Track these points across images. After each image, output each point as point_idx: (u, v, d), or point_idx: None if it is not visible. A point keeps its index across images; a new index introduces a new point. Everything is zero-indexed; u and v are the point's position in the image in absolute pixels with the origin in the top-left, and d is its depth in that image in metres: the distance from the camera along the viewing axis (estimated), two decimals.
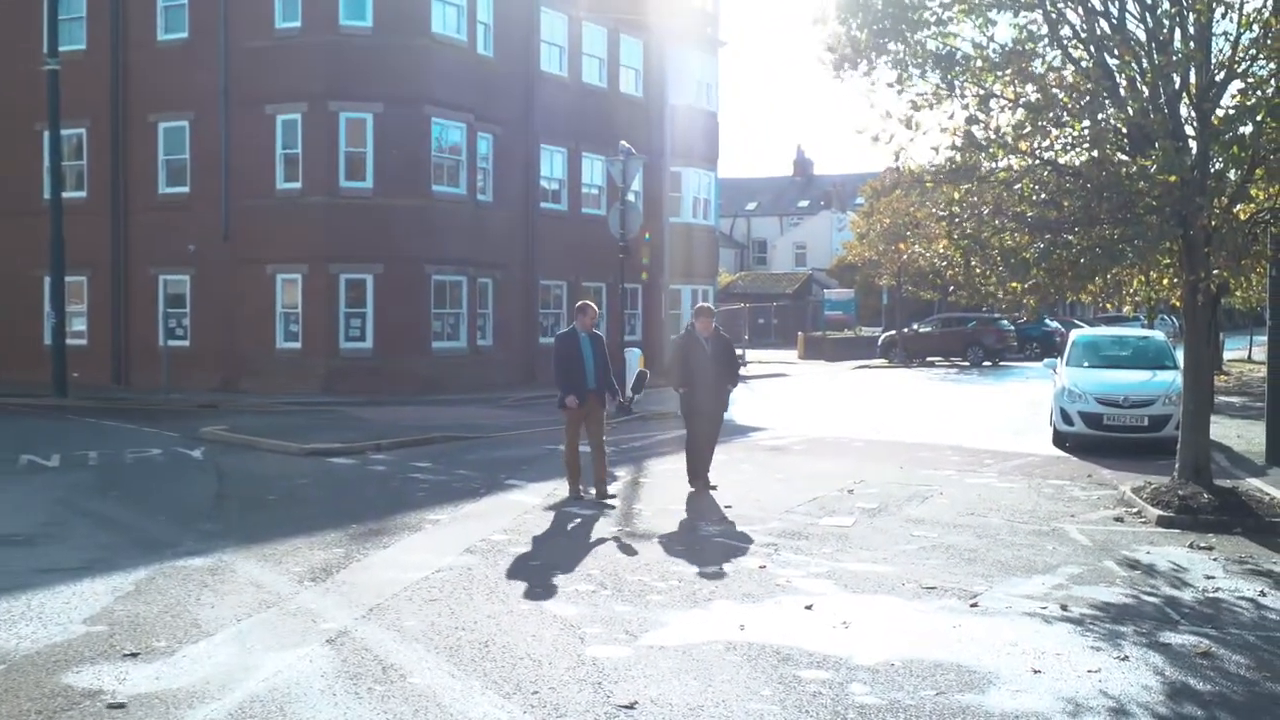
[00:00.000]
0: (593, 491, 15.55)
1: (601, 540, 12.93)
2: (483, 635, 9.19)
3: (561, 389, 15.42)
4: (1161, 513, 14.36)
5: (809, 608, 10.16)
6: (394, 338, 31.89)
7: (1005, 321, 52.93)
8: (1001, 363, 52.10)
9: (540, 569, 11.48)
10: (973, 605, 10.33)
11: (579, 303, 15.97)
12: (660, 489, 16.45)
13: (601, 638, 9.17)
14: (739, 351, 51.95)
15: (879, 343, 55.51)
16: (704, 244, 44.61)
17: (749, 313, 60.02)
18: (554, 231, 37.70)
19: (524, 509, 14.79)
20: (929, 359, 53.94)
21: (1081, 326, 46.19)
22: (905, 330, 54.72)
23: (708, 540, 12.96)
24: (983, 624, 9.74)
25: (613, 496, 15.46)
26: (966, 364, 51.91)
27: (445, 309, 33.37)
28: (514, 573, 11.32)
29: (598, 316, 15.85)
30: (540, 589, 10.69)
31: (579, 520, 14.05)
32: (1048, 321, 57.68)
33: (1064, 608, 10.28)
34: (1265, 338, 19.84)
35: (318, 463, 19.06)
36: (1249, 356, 53.25)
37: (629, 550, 12.41)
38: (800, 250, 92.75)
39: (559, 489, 16.23)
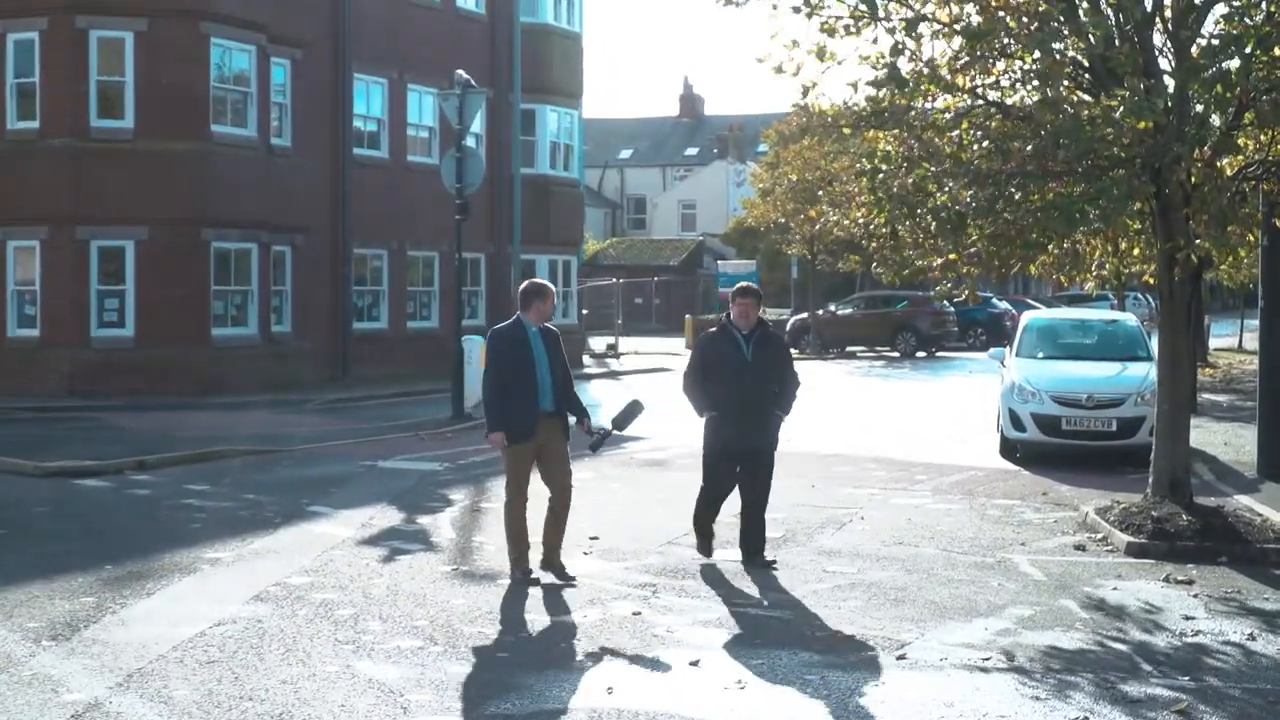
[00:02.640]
0: (534, 572, 13.01)
1: (433, 582, 12.90)
2: (276, 707, 9.12)
3: (495, 413, 12.89)
4: (1132, 539, 14.75)
5: (695, 664, 10.24)
6: (163, 323, 31.44)
7: (944, 301, 53.83)
8: (939, 353, 53.05)
9: (352, 620, 11.42)
10: (900, 658, 10.50)
11: (529, 283, 13.35)
12: None
13: (430, 707, 9.14)
14: (610, 342, 52.42)
15: (787, 328, 56.03)
16: (566, 202, 44.70)
17: (623, 290, 60.23)
18: (372, 185, 37.47)
19: (331, 543, 14.69)
20: (850, 348, 54.70)
21: (1037, 308, 47.26)
22: (821, 313, 55.42)
23: (568, 580, 13.00)
24: (912, 681, 9.91)
25: (572, 578, 12.95)
26: (896, 355, 52.74)
27: (230, 285, 32.98)
28: (318, 625, 11.24)
29: (554, 304, 13.40)
30: (352, 646, 10.62)
31: (403, 558, 14.01)
32: (995, 302, 58.82)
33: (1010, 658, 10.50)
34: (1257, 322, 20.48)
35: (60, 486, 18.74)
36: (1239, 345, 54.87)
37: (468, 594, 12.38)
38: (688, 210, 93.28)
39: (376, 517, 16.15)
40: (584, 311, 50.16)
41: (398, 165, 38.66)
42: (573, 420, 13.25)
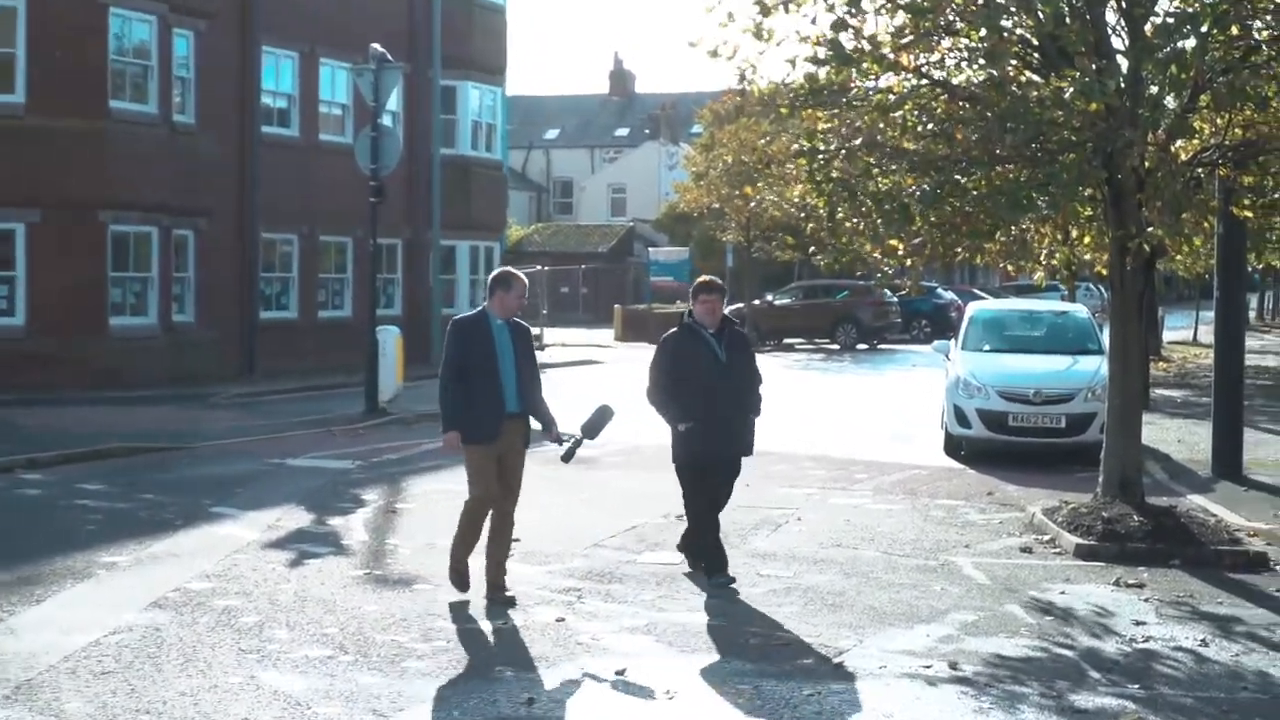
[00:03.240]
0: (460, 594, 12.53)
1: (344, 587, 12.86)
2: None
3: (451, 413, 12.37)
4: (1081, 541, 14.87)
5: (621, 674, 10.26)
6: (56, 312, 31.11)
7: (887, 291, 54.08)
8: (881, 345, 53.32)
9: (257, 628, 11.36)
10: (838, 666, 10.56)
11: (498, 271, 12.86)
12: (423, 517, 16.42)
13: None
14: (535, 333, 52.09)
15: None
16: (488, 185, 44.58)
17: (549, 278, 60.18)
18: (282, 166, 37.20)
19: (236, 546, 14.61)
20: (788, 340, 54.86)
21: (984, 298, 47.56)
22: (757, 303, 55.55)
23: (484, 586, 12.95)
24: (850, 691, 9.96)
25: (511, 599, 12.42)
26: (836, 347, 52.96)
27: (129, 272, 32.69)
28: (220, 634, 11.18)
29: (526, 293, 12.76)
30: (257, 655, 10.56)
31: (312, 561, 13.95)
32: (940, 292, 59.19)
33: (954, 666, 10.58)
34: (1213, 314, 20.71)
35: None
36: (1194, 338, 55.47)
37: (380, 600, 12.35)
38: (618, 194, 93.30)
39: (284, 518, 16.06)
40: None
41: (309, 144, 38.39)
42: (538, 427, 12.76)
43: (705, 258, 70.06)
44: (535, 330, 51.68)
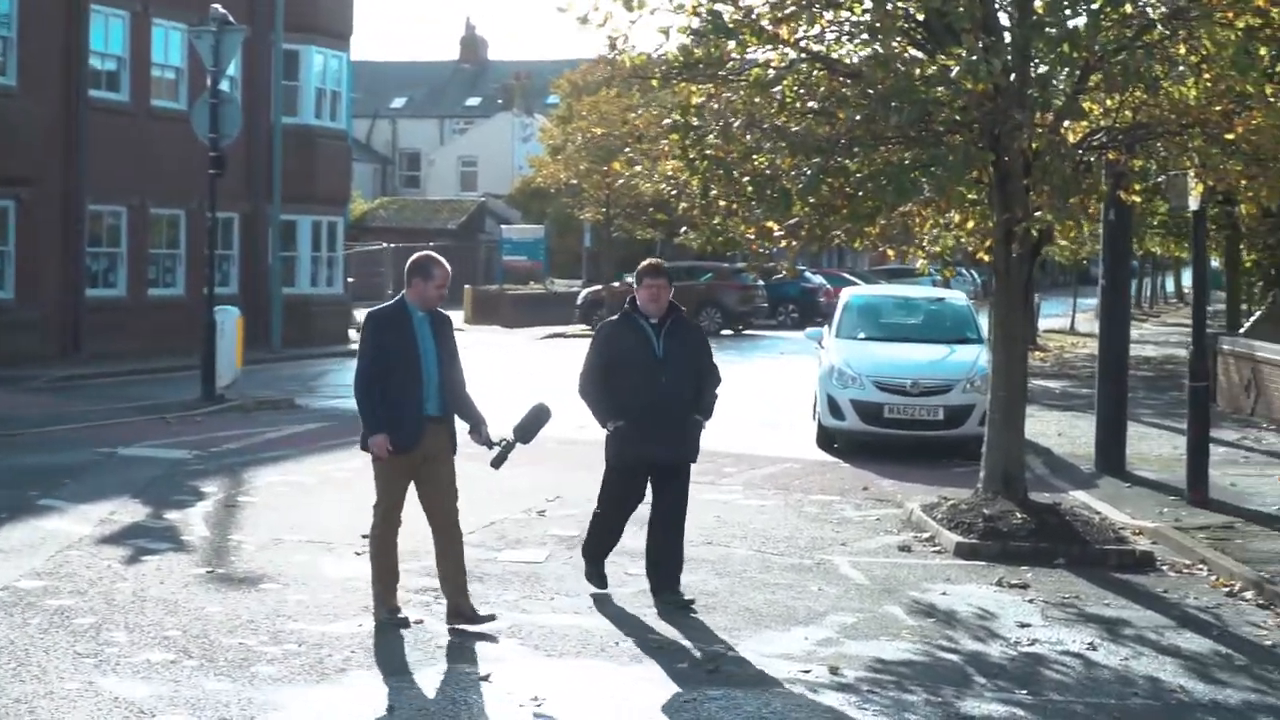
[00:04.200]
0: (403, 610, 11.87)
1: (185, 586, 12.71)
2: None
3: (368, 417, 11.68)
4: (961, 539, 15.06)
5: (486, 679, 10.26)
6: None
7: (753, 275, 54.38)
8: (747, 331, 53.59)
9: (93, 630, 11.20)
10: (712, 671, 10.60)
11: (417, 257, 11.90)
12: (268, 512, 16.28)
13: None
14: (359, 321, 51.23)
15: (579, 302, 56.15)
16: (332, 156, 44.21)
17: (394, 255, 59.75)
18: (110, 133, 36.62)
19: (67, 542, 14.38)
20: None
21: (855, 283, 47.99)
22: (616, 285, 55.54)
23: (337, 585, 12.90)
24: (727, 697, 9.99)
25: (488, 619, 11.74)
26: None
27: None
28: (54, 636, 11.00)
29: (449, 281, 11.95)
30: (94, 659, 10.42)
31: (150, 559, 13.77)
32: (809, 276, 59.59)
33: (834, 671, 10.68)
34: (1095, 302, 21.07)
35: None
36: (1071, 326, 56.36)
37: (225, 601, 12.22)
38: (469, 167, 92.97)
39: (118, 512, 15.84)
40: (350, 279, 49.64)
41: (140, 110, 37.80)
42: (464, 429, 11.96)
43: (561, 236, 70.21)
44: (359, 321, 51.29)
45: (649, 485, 12.99)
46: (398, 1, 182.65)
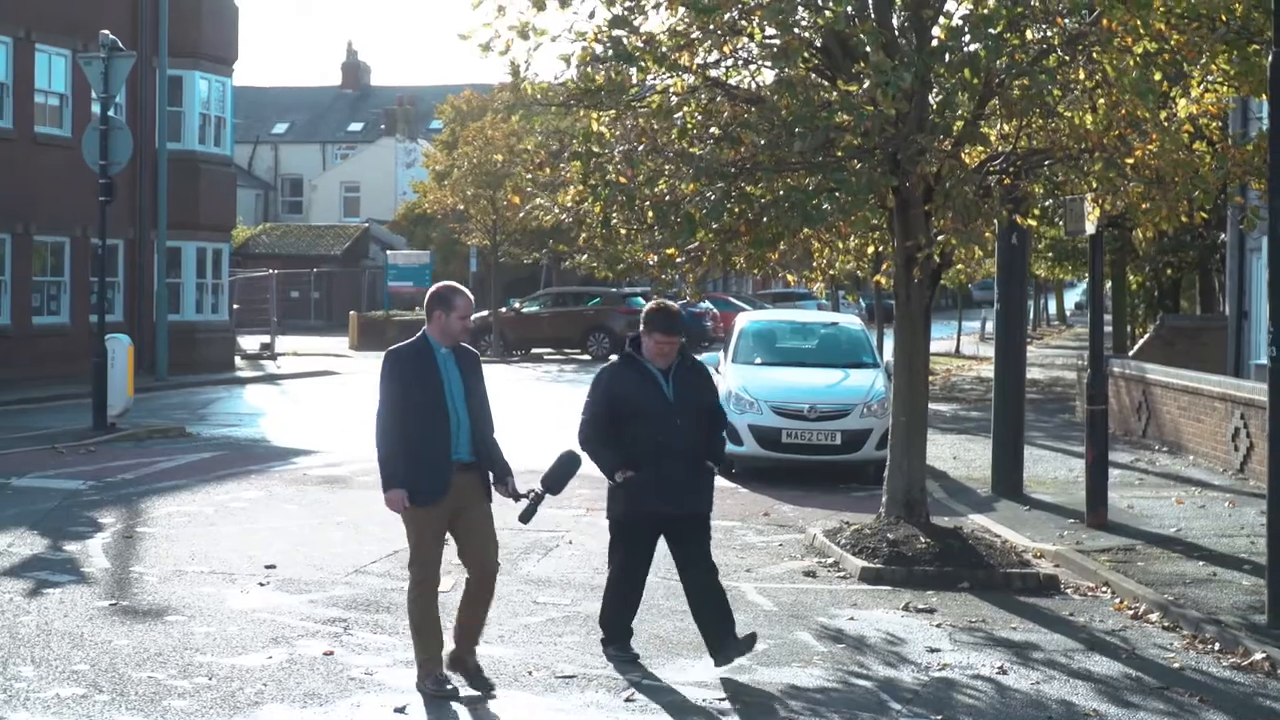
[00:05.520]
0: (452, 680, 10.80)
1: (90, 619, 12.53)
2: None
3: (392, 467, 10.71)
4: (866, 564, 15.12)
5: (401, 711, 10.20)
6: None
7: (640, 299, 54.42)
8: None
9: (0, 664, 11.08)
10: (628, 700, 10.61)
11: (438, 288, 10.98)
12: (168, 543, 16.09)
13: None
14: (265, 341, 51.41)
15: None
16: (217, 182, 43.90)
17: (279, 283, 59.35)
18: None
19: None
20: (536, 350, 54.92)
21: (743, 308, 48.18)
22: (504, 311, 55.52)
23: (243, 617, 12.77)
24: None
25: (491, 685, 10.82)
26: (588, 358, 53.09)
27: None
28: None
29: (472, 312, 11.05)
30: (3, 695, 10.27)
31: (52, 591, 13.58)
32: (695, 301, 59.68)
33: (748, 698, 10.73)
34: (978, 325, 21.27)
35: None
36: (957, 349, 56.85)
37: (132, 634, 12.06)
38: (352, 193, 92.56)
39: (15, 543, 15.60)
40: (235, 306, 49.24)
41: (24, 137, 37.33)
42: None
43: (446, 262, 69.93)
44: (266, 338, 51.26)
45: (659, 542, 12.11)
46: (279, 27, 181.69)
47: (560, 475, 11.24)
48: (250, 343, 50.64)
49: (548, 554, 16.04)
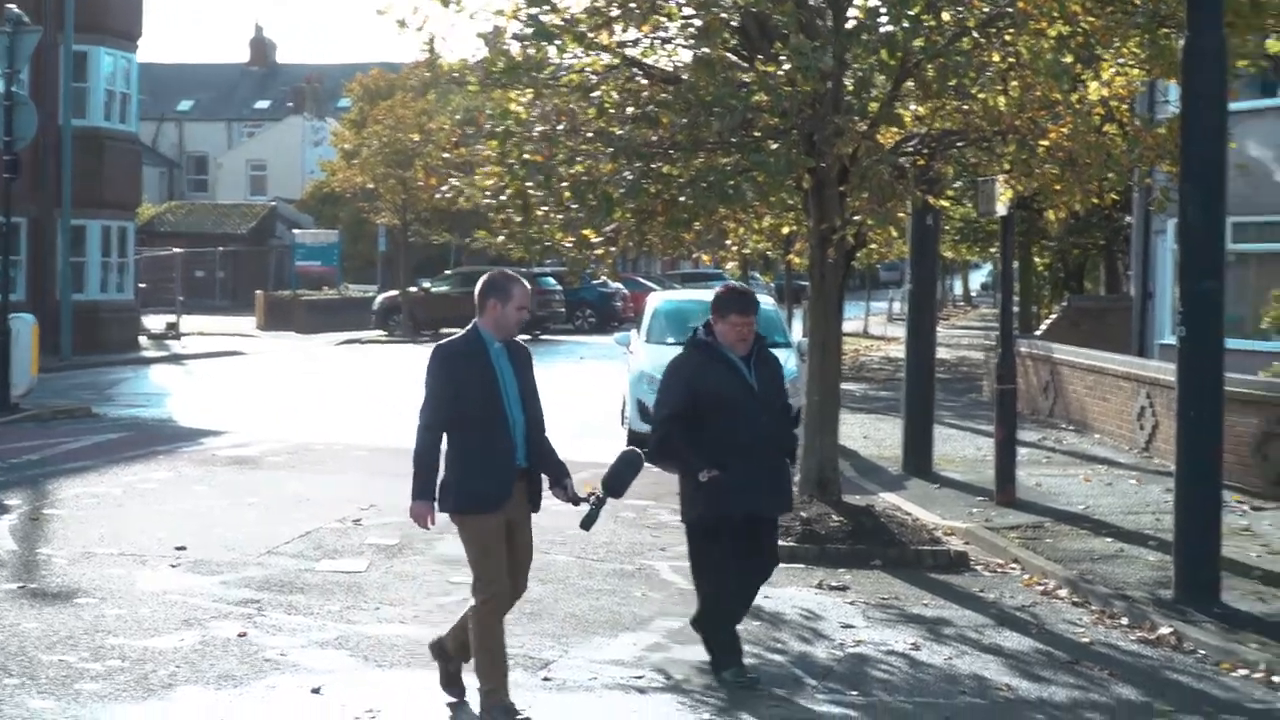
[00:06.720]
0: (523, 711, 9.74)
1: None
2: None
3: (421, 479, 9.70)
4: (780, 542, 15.15)
5: (317, 692, 10.16)
6: None
7: (550, 279, 54.39)
8: (544, 336, 53.55)
9: None
10: (545, 680, 10.61)
11: (492, 275, 9.99)
12: (76, 525, 15.94)
13: None
14: (170, 320, 50.92)
15: (375, 307, 55.83)
16: (122, 159, 43.54)
17: (184, 262, 58.92)
18: None
19: None
20: (446, 330, 54.66)
21: (654, 288, 48.24)
22: (413, 290, 55.31)
23: (154, 599, 12.67)
24: (563, 704, 10.06)
25: (458, 692, 10.20)
26: None
27: None
28: None
29: (529, 302, 10.03)
30: None
31: None
32: (606, 281, 59.76)
33: (666, 675, 10.76)
34: (886, 306, 21.40)
35: None
36: (865, 329, 57.21)
37: (41, 617, 11.95)
38: (259, 172, 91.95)
39: None
40: (141, 285, 48.82)
41: None
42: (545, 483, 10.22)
43: (355, 241, 69.71)
44: (171, 318, 50.80)
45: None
46: (185, 3, 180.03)
47: (623, 476, 10.31)
48: (155, 322, 50.24)
49: (444, 535, 15.94)
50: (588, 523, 10.25)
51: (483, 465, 9.60)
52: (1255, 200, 25.57)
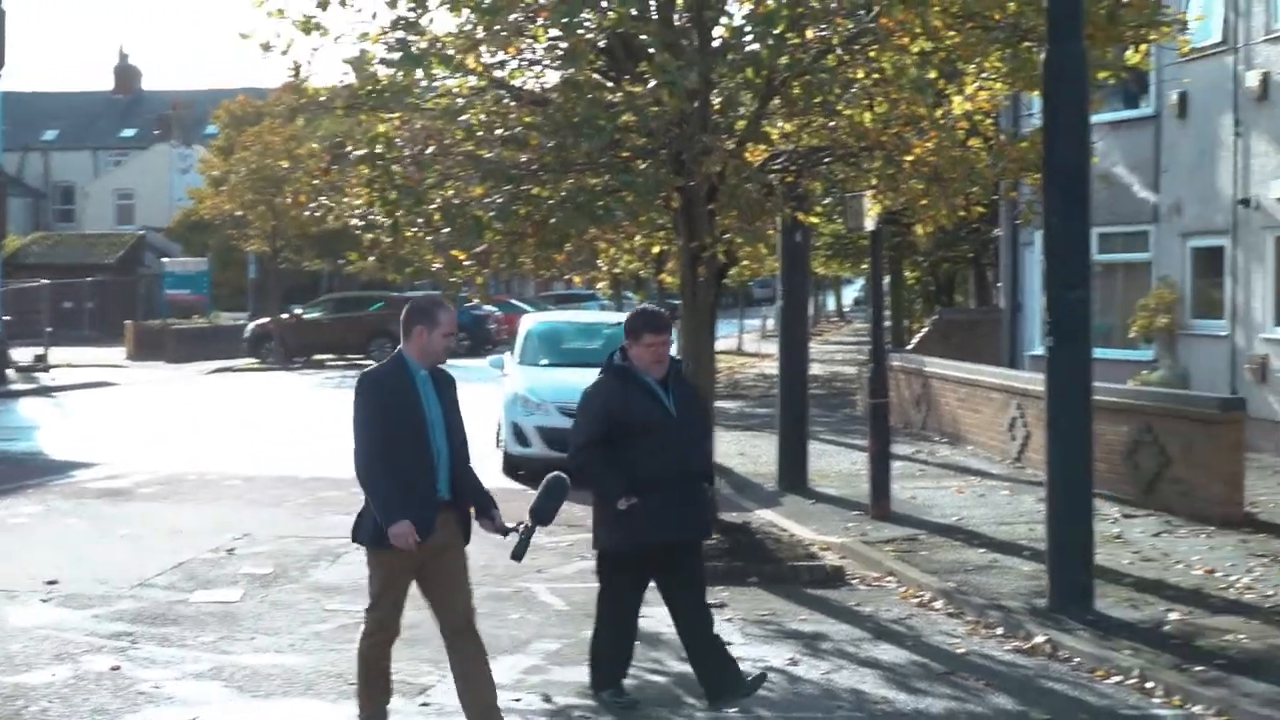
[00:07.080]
0: None
1: None
2: None
3: (382, 503, 9.30)
4: None
5: None
6: None
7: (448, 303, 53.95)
8: None
9: None
10: (424, 705, 10.61)
11: (418, 300, 9.95)
12: None
13: None
14: (38, 353, 50.24)
15: (247, 335, 55.30)
16: None
17: (52, 293, 58.08)
18: None
19: None
20: (319, 356, 54.34)
21: (527, 310, 48.18)
22: (285, 317, 54.83)
23: (24, 634, 12.48)
24: None
25: None
26: (371, 363, 52.67)
27: None
28: None
29: (455, 329, 9.84)
30: None
31: None
32: (478, 303, 59.60)
33: (547, 698, 10.78)
34: (759, 323, 21.52)
35: None
36: (739, 347, 57.42)
37: None
38: (126, 201, 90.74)
39: None
40: (6, 318, 48.09)
41: None
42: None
43: (225, 268, 69.01)
44: (39, 350, 50.07)
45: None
46: (47, 30, 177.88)
47: (550, 503, 10.04)
48: (23, 355, 49.44)
49: (336, 560, 15.87)
50: (518, 553, 9.92)
51: (403, 500, 9.25)
52: (1119, 210, 25.94)
